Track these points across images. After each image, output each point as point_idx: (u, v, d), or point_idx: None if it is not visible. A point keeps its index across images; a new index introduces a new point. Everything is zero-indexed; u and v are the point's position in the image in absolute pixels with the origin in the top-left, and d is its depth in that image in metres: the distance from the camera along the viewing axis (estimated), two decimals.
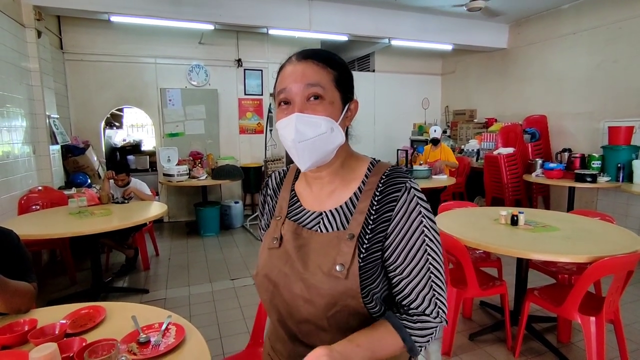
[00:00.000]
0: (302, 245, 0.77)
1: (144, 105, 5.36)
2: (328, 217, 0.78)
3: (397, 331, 0.70)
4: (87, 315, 1.29)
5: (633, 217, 4.35)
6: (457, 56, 6.78)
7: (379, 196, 0.74)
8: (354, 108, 0.79)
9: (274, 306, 0.80)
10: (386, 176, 0.76)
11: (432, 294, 0.73)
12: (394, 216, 0.73)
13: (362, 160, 0.82)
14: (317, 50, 0.76)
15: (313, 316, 0.74)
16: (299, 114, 0.71)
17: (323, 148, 0.73)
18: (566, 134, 5.05)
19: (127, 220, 2.89)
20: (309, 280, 0.73)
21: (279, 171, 0.94)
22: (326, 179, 0.80)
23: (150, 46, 5.21)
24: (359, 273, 0.71)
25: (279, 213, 0.85)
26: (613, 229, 2.24)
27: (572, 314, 1.88)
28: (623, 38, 4.41)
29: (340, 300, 0.71)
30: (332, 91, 0.74)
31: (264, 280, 0.81)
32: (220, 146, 5.73)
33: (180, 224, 5.55)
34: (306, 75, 0.72)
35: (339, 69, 0.76)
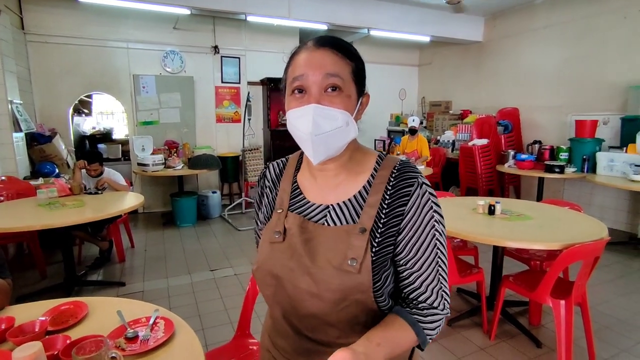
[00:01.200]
0: (309, 239, 0.75)
1: (115, 91, 5.14)
2: (335, 211, 0.76)
3: (411, 326, 0.70)
4: (68, 312, 1.24)
5: (596, 206, 4.61)
6: (434, 48, 6.87)
7: (391, 190, 0.73)
8: (365, 102, 0.77)
9: (277, 301, 0.79)
10: (397, 170, 0.75)
11: (439, 286, 0.74)
12: (407, 211, 0.72)
13: (369, 154, 0.80)
14: (335, 39, 0.73)
15: (320, 311, 0.73)
16: (317, 105, 0.68)
17: (338, 142, 0.71)
18: (537, 126, 5.25)
19: (102, 212, 2.80)
20: (318, 275, 0.71)
21: (277, 162, 0.90)
22: (332, 172, 0.78)
23: (122, 30, 4.97)
24: (372, 267, 0.70)
25: (280, 205, 0.82)
26: (581, 217, 2.36)
27: (545, 298, 1.98)
28: (590, 34, 4.60)
29: (350, 294, 0.70)
30: (350, 84, 0.71)
31: (265, 275, 0.78)
32: (197, 135, 5.59)
33: (156, 214, 5.41)
34: (325, 64, 0.69)
35: (356, 61, 0.73)
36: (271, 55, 5.85)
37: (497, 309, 2.25)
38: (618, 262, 3.57)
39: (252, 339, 1.65)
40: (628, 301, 2.82)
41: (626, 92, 4.26)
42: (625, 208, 4.39)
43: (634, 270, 3.41)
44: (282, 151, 5.81)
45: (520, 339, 2.32)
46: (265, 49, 5.79)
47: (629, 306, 2.74)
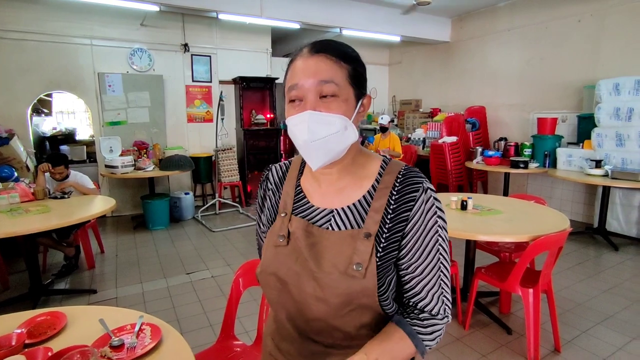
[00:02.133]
0: (314, 243, 0.75)
1: (79, 90, 4.90)
2: (340, 215, 0.76)
3: (410, 338, 0.71)
4: (45, 323, 1.19)
5: (556, 199, 4.90)
6: (403, 47, 7.03)
7: (396, 195, 0.73)
8: (366, 103, 0.76)
9: (282, 305, 0.78)
10: (402, 175, 0.74)
11: (440, 291, 0.74)
12: (411, 216, 0.72)
13: (373, 158, 0.80)
14: (330, 43, 0.73)
15: (326, 315, 0.72)
16: (311, 112, 0.68)
17: (336, 147, 0.71)
18: (502, 124, 5.51)
19: (69, 218, 2.67)
20: (324, 280, 0.71)
21: (280, 165, 0.89)
22: (335, 176, 0.78)
23: (85, 25, 4.74)
24: (376, 272, 0.70)
25: (284, 209, 0.81)
26: (546, 210, 2.51)
27: (515, 287, 2.10)
28: (549, 37, 4.87)
29: (355, 299, 0.70)
30: (347, 88, 0.71)
31: (270, 279, 0.78)
32: (167, 135, 5.44)
33: (126, 218, 5.22)
34: (319, 71, 0.69)
35: (353, 64, 0.73)
36: (243, 54, 5.78)
37: (471, 300, 2.36)
38: (576, 250, 3.82)
39: (237, 340, 1.64)
40: (586, 286, 3.03)
41: (581, 92, 4.55)
42: (581, 200, 4.70)
43: (590, 258, 3.66)
44: (256, 151, 5.76)
45: (493, 327, 2.45)
46: (237, 47, 5.71)
47: (586, 291, 2.95)
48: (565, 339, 2.31)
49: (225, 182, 5.55)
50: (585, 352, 2.20)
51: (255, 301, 2.70)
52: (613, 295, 2.88)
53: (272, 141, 5.86)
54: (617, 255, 3.71)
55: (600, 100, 4.06)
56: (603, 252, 3.79)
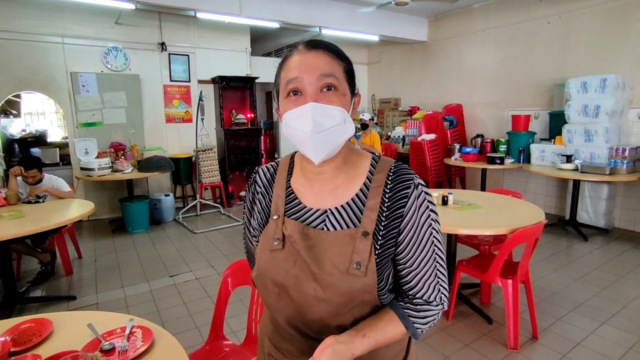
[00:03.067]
0: (312, 245, 0.75)
1: (50, 90, 4.72)
2: (334, 215, 0.76)
3: (401, 320, 0.75)
4: (29, 330, 1.16)
5: (530, 193, 5.09)
6: (382, 47, 7.12)
7: (389, 193, 0.75)
8: (357, 101, 0.79)
9: (281, 308, 0.78)
10: (393, 173, 0.76)
11: (436, 281, 0.77)
12: (405, 212, 0.74)
13: (363, 156, 0.81)
14: (325, 42, 0.75)
15: (328, 314, 0.74)
16: (314, 103, 0.69)
17: (337, 139, 0.72)
18: (478, 121, 5.67)
19: (45, 223, 2.59)
20: (326, 280, 0.72)
21: (267, 166, 0.88)
22: (328, 175, 0.78)
23: (57, 23, 4.57)
24: (376, 269, 0.72)
25: (276, 211, 0.80)
26: (522, 204, 2.62)
27: (495, 278, 2.19)
28: (521, 37, 5.06)
29: (357, 296, 0.72)
30: (344, 82, 0.73)
31: (267, 283, 0.78)
32: (145, 136, 5.32)
33: (104, 221, 5.07)
34: (319, 66, 0.70)
35: (347, 61, 0.75)
36: (222, 53, 5.72)
37: (454, 292, 2.44)
38: (549, 242, 3.99)
39: (227, 340, 1.64)
40: (559, 276, 3.17)
41: (552, 90, 4.75)
42: (554, 193, 4.91)
43: (562, 248, 3.83)
44: (237, 151, 5.71)
45: (474, 318, 2.53)
46: (215, 46, 5.64)
47: (560, 280, 3.09)
48: (542, 326, 2.42)
49: (206, 182, 5.48)
50: (561, 337, 2.31)
51: (241, 301, 2.69)
52: (584, 283, 3.03)
53: (253, 141, 5.82)
54: (587, 245, 3.90)
55: (569, 98, 4.25)
56: (574, 243, 3.97)
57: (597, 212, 4.30)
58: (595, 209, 4.31)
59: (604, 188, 4.23)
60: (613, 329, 2.39)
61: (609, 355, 2.14)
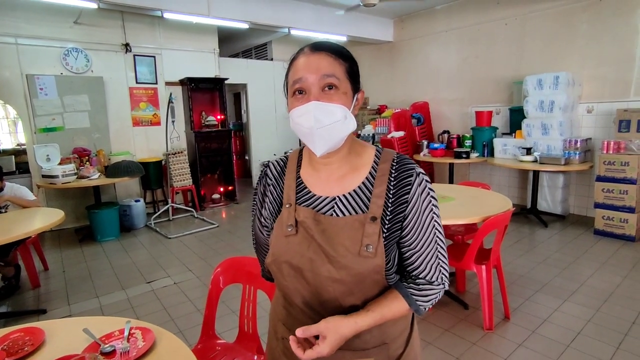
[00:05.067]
0: (324, 230, 0.81)
1: (3, 94, 4.43)
2: (342, 202, 0.83)
3: (404, 298, 0.82)
4: (19, 339, 1.13)
5: (495, 185, 5.38)
6: (350, 47, 7.02)
7: (394, 181, 0.82)
8: (360, 98, 0.84)
9: (297, 290, 0.84)
10: (397, 163, 0.83)
11: (437, 262, 0.84)
12: (410, 199, 0.81)
13: (367, 148, 0.89)
14: (329, 43, 0.81)
15: (341, 294, 0.80)
16: (316, 102, 0.76)
17: (338, 134, 0.78)
18: (444, 117, 5.92)
19: (7, 234, 2.44)
20: (340, 262, 0.78)
21: (276, 160, 0.95)
22: (335, 165, 0.85)
23: (8, 22, 4.29)
24: (384, 250, 0.79)
25: (288, 200, 0.86)
26: (491, 194, 2.79)
27: (470, 265, 2.32)
28: (480, 38, 5.34)
29: (368, 276, 0.79)
30: (345, 82, 0.79)
31: (284, 267, 0.83)
32: (111, 140, 5.11)
33: (69, 230, 4.83)
34: (321, 67, 0.76)
35: (349, 61, 0.81)
36: (190, 54, 5.61)
37: None
38: (514, 230, 4.25)
39: (219, 339, 1.65)
40: (525, 260, 3.40)
41: (511, 87, 5.05)
42: (516, 184, 5.22)
43: (525, 235, 4.10)
44: (208, 153, 5.62)
45: (452, 305, 2.67)
46: (182, 47, 5.52)
47: (525, 264, 3.32)
48: (513, 307, 2.59)
49: (178, 186, 5.36)
50: (530, 316, 2.49)
51: (224, 303, 2.68)
52: (546, 266, 3.26)
53: (224, 142, 5.75)
54: (547, 231, 4.19)
55: (527, 94, 4.54)
56: (535, 230, 4.26)
57: (555, 200, 4.62)
58: (553, 197, 4.63)
59: (560, 177, 4.55)
60: (574, 305, 2.60)
61: (572, 328, 2.34)
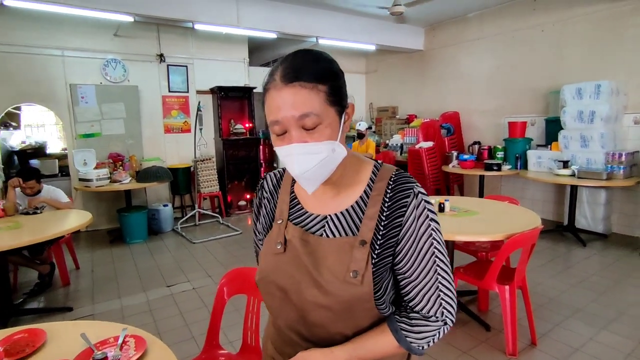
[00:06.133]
0: (312, 251, 0.76)
1: (50, 102, 4.76)
2: (333, 221, 0.77)
3: (392, 333, 0.74)
4: (22, 340, 1.16)
5: (528, 199, 5.10)
6: (379, 56, 7.19)
7: (388, 202, 0.74)
8: (350, 112, 0.75)
9: (282, 312, 0.79)
10: (394, 182, 0.75)
11: (437, 294, 0.74)
12: (404, 222, 0.73)
13: (365, 163, 0.81)
14: (302, 66, 0.69)
15: (328, 320, 0.74)
16: (297, 145, 0.68)
17: (326, 170, 0.71)
18: (475, 128, 5.70)
19: (42, 234, 2.58)
20: (326, 287, 0.72)
21: (274, 172, 0.90)
22: (330, 183, 0.78)
23: (56, 36, 4.63)
24: (372, 278, 0.71)
25: (280, 216, 0.82)
26: (519, 210, 2.63)
27: (492, 285, 2.18)
28: (516, 46, 5.12)
29: (355, 305, 0.72)
30: (327, 111, 0.69)
31: (270, 286, 0.79)
32: (144, 147, 5.34)
33: (101, 232, 5.07)
34: (297, 105, 0.67)
35: (329, 81, 0.70)
36: (220, 64, 5.78)
37: None
38: (547, 248, 3.98)
39: (222, 349, 1.64)
40: (557, 282, 3.16)
41: (547, 96, 4.79)
42: (551, 199, 4.91)
43: (560, 254, 3.82)
44: (235, 160, 5.73)
45: (472, 325, 2.52)
46: (213, 57, 5.70)
47: (557, 286, 3.08)
48: (541, 332, 2.40)
49: (205, 192, 5.49)
50: (560, 343, 2.30)
51: (238, 311, 2.67)
52: (582, 289, 3.01)
53: (251, 150, 5.85)
54: (585, 250, 3.89)
55: (565, 104, 4.28)
56: (572, 249, 3.97)
57: (595, 218, 4.30)
58: (593, 214, 4.31)
59: (601, 193, 4.23)
60: (611, 335, 2.37)
61: None
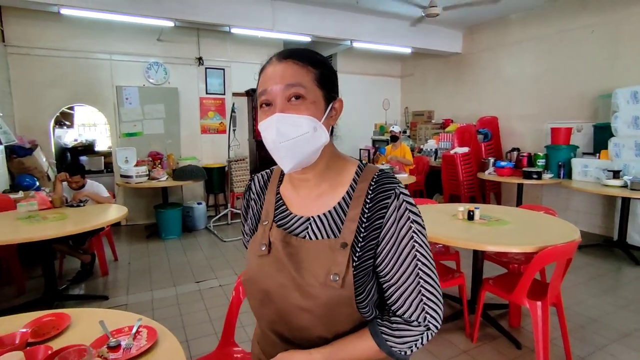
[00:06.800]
0: (293, 253, 0.75)
1: (98, 103, 5.10)
2: (316, 223, 0.76)
3: (373, 337, 0.72)
4: (50, 323, 1.23)
5: (572, 210, 4.77)
6: (415, 59, 7.06)
7: (369, 203, 0.73)
8: (338, 107, 0.76)
9: (265, 313, 0.79)
10: (375, 182, 0.74)
11: (419, 298, 0.72)
12: (384, 223, 0.72)
13: (349, 163, 0.80)
14: (297, 50, 0.74)
15: (309, 323, 0.73)
16: (280, 114, 0.69)
17: (306, 148, 0.71)
18: (515, 134, 5.43)
19: (84, 225, 2.75)
20: (307, 290, 0.72)
21: (262, 174, 0.90)
22: (313, 182, 0.78)
23: (105, 42, 4.96)
24: (353, 281, 0.70)
25: (266, 217, 0.82)
26: (555, 221, 2.46)
27: (522, 299, 2.05)
28: (561, 48, 4.82)
29: (336, 307, 0.71)
30: (314, 90, 0.71)
31: (253, 288, 0.79)
32: (181, 146, 5.57)
33: (139, 227, 5.34)
34: (286, 76, 0.70)
35: (320, 67, 0.73)
36: (255, 67, 5.72)
37: (478, 312, 2.31)
38: (592, 264, 3.69)
39: (237, 347, 1.65)
40: (601, 301, 2.92)
41: (596, 101, 4.46)
42: (599, 212, 4.56)
43: (606, 272, 3.53)
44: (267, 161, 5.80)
45: (501, 341, 2.38)
46: (249, 60, 5.85)
47: (601, 306, 2.84)
48: (579, 356, 2.23)
49: (238, 192, 5.62)
50: None
51: None
52: (630, 312, 2.76)
53: None
54: (637, 269, 3.56)
55: (617, 109, 3.97)
56: (622, 266, 3.65)
57: None
58: None
59: None
60: None
61: None
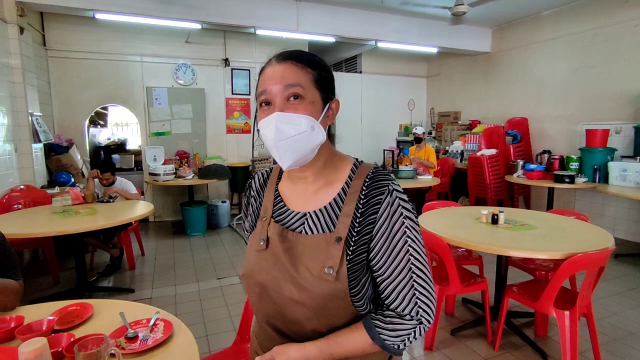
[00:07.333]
0: (289, 248, 0.77)
1: (129, 103, 5.31)
2: (312, 218, 0.79)
3: (366, 330, 0.74)
4: (74, 312, 1.29)
5: (608, 217, 4.52)
6: (441, 59, 6.91)
7: (363, 199, 0.75)
8: (335, 107, 0.80)
9: (262, 307, 0.81)
10: (370, 179, 0.77)
11: (412, 293, 0.74)
12: (377, 218, 0.74)
13: (345, 161, 0.83)
14: (296, 52, 0.78)
15: (303, 317, 0.75)
16: (279, 113, 0.72)
17: (304, 146, 0.73)
18: (546, 136, 5.21)
19: (113, 220, 2.87)
20: (301, 283, 0.74)
21: (262, 172, 0.94)
22: (310, 179, 0.81)
23: (137, 44, 5.17)
24: (347, 274, 0.72)
25: (264, 214, 0.85)
26: (587, 227, 2.34)
27: (548, 308, 1.96)
28: (598, 45, 4.58)
29: (330, 301, 0.73)
30: (312, 90, 0.74)
31: (250, 282, 0.82)
32: (207, 146, 5.71)
33: (166, 223, 5.51)
34: (285, 76, 0.73)
35: (318, 69, 0.76)
36: None
37: (501, 319, 2.23)
38: (629, 274, 3.48)
39: None
40: (638, 314, 2.75)
41: (637, 101, 4.21)
42: (638, 219, 4.30)
43: None
44: None
45: (526, 351, 2.29)
46: None
47: (638, 319, 2.68)
48: None
49: None
50: None
51: None
52: None
53: None
54: None
55: None
56: None
57: None
58: None
59: None
60: None
61: None
